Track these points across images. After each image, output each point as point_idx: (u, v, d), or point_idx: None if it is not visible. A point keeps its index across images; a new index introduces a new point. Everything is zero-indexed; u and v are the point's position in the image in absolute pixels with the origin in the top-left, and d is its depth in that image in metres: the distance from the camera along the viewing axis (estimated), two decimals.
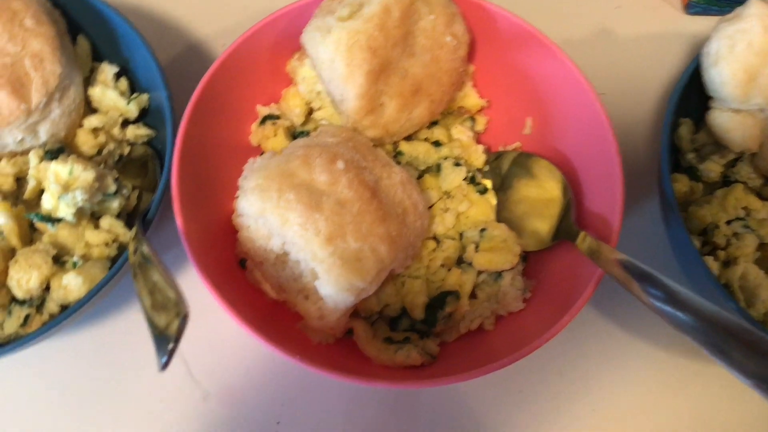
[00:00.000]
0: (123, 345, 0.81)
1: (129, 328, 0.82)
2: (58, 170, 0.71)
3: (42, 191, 0.74)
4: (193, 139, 0.74)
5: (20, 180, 0.77)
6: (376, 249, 0.68)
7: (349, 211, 0.68)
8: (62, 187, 0.70)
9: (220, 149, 0.79)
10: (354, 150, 0.73)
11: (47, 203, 0.71)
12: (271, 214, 0.67)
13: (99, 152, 0.81)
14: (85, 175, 0.71)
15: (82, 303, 0.66)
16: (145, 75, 0.81)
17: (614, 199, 0.73)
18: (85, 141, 0.79)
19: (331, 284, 0.67)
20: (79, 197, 0.70)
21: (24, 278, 0.69)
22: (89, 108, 0.82)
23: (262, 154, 0.83)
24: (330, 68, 0.74)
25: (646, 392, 0.81)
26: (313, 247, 0.67)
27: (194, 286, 0.67)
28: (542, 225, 0.79)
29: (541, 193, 0.80)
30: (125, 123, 0.83)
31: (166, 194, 0.71)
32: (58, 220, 0.71)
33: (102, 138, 0.80)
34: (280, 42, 0.82)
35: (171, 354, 0.47)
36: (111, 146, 0.80)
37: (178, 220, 0.69)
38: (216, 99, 0.77)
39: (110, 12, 0.80)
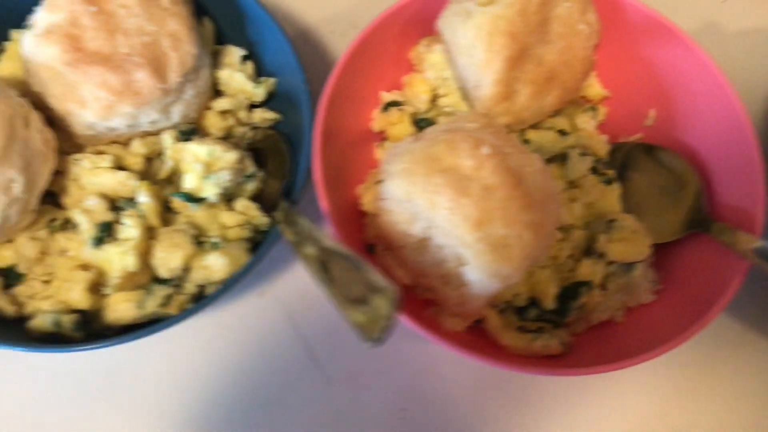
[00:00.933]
0: (242, 329, 0.81)
1: (248, 312, 0.82)
2: (197, 151, 0.71)
3: (174, 172, 0.74)
4: (328, 124, 0.73)
5: (149, 160, 0.77)
6: (521, 236, 0.68)
7: (495, 196, 0.68)
8: (205, 167, 0.70)
9: (347, 135, 0.79)
10: (494, 136, 0.72)
11: (189, 183, 0.71)
12: (419, 198, 0.67)
13: (226, 135, 0.80)
14: (227, 156, 0.70)
15: (233, 282, 0.66)
16: (272, 59, 0.81)
17: (755, 190, 0.73)
18: (213, 123, 0.79)
19: (479, 270, 0.66)
20: (224, 178, 0.70)
21: (167, 257, 0.69)
22: (214, 91, 0.82)
23: (383, 140, 0.83)
24: (468, 54, 0.74)
25: None
26: (460, 232, 0.66)
27: None
28: (669, 216, 0.78)
29: (666, 184, 0.80)
30: (250, 107, 0.83)
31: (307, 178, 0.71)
32: (201, 200, 0.71)
33: (230, 121, 0.80)
34: (406, 29, 0.82)
35: (388, 330, 0.47)
36: (241, 129, 0.80)
37: (323, 204, 0.69)
38: (345, 85, 0.77)
39: None
